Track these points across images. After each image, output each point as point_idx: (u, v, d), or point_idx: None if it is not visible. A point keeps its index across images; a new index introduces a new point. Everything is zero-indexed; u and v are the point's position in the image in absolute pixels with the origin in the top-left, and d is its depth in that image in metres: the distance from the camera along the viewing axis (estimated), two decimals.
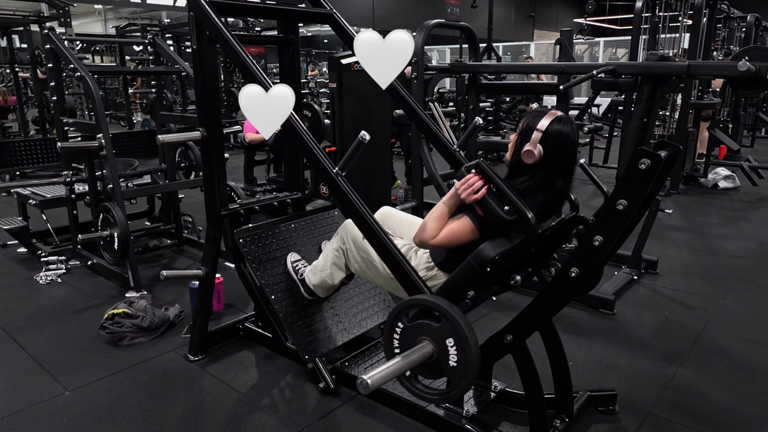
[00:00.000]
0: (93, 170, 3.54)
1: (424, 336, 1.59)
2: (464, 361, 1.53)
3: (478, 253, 1.64)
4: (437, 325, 1.57)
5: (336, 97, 4.14)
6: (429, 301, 1.59)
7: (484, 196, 1.65)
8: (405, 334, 1.63)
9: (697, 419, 2.13)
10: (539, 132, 1.67)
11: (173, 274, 2.42)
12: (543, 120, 1.68)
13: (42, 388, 2.34)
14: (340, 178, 1.86)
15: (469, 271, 1.66)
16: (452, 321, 1.53)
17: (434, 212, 1.77)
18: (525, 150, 1.68)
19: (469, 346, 1.51)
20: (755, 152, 7.98)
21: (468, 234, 1.73)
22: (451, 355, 1.55)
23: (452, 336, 1.54)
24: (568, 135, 1.68)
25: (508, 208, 1.63)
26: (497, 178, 1.66)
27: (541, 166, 1.70)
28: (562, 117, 1.70)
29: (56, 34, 3.44)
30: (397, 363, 1.53)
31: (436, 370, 1.60)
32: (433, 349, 1.57)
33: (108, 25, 16.01)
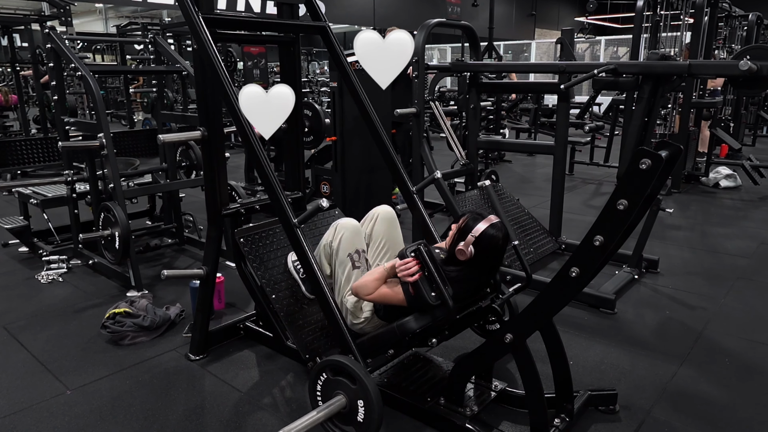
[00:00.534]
0: (94, 169, 3.55)
1: (342, 391, 1.87)
2: (369, 422, 1.81)
3: (402, 325, 1.95)
4: (353, 387, 1.84)
5: (337, 96, 4.14)
6: (349, 367, 1.85)
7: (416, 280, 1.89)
8: (327, 385, 1.92)
9: (697, 419, 2.13)
10: (473, 236, 1.92)
11: (174, 274, 2.43)
12: (479, 224, 1.93)
13: (43, 388, 2.34)
14: (297, 230, 2.07)
15: (392, 336, 1.99)
16: (364, 388, 1.81)
17: (374, 273, 2.03)
18: (458, 248, 1.94)
19: (374, 411, 1.79)
20: (757, 151, 7.97)
21: (396, 301, 1.98)
22: (360, 413, 1.83)
23: (363, 399, 1.82)
24: (498, 241, 1.94)
25: (434, 294, 1.88)
26: (432, 266, 1.88)
27: (471, 263, 1.96)
28: (496, 224, 1.95)
29: (57, 33, 3.44)
30: (314, 417, 1.80)
31: (347, 420, 1.88)
32: (347, 403, 1.85)
33: (109, 24, 16.01)
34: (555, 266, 3.64)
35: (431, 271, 1.89)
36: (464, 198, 3.73)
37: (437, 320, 1.92)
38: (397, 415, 2.13)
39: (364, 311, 2.16)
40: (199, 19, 2.13)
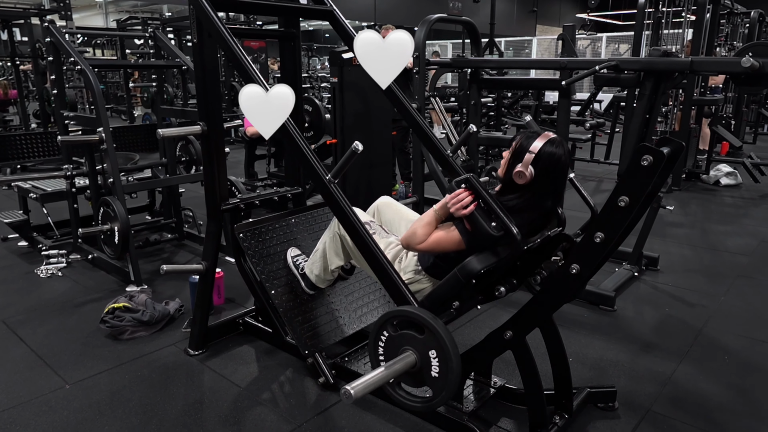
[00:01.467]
0: (93, 164, 3.54)
1: (408, 346, 1.63)
2: (446, 373, 1.57)
3: (464, 267, 1.69)
4: (421, 337, 1.60)
5: (337, 92, 4.12)
6: (414, 314, 1.62)
7: (472, 212, 1.68)
8: (389, 344, 1.67)
9: (696, 416, 2.13)
10: (531, 154, 1.70)
11: (173, 269, 2.42)
12: (536, 142, 1.71)
13: (42, 382, 2.34)
14: (333, 185, 1.89)
15: (455, 283, 1.72)
16: (436, 334, 1.57)
17: (424, 219, 1.81)
18: (516, 171, 1.73)
19: (450, 359, 1.55)
20: (757, 149, 7.96)
21: (454, 245, 1.76)
22: (434, 366, 1.59)
23: (435, 348, 1.58)
24: (560, 158, 1.72)
25: (495, 225, 1.66)
26: (486, 195, 1.68)
27: (531, 187, 1.74)
28: (555, 139, 1.73)
29: (57, 28, 3.43)
30: (380, 373, 1.57)
31: (418, 379, 1.63)
32: (416, 359, 1.61)
33: (109, 19, 15.97)
34: None
35: (487, 199, 1.66)
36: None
37: (503, 258, 1.67)
38: (396, 412, 2.13)
39: (406, 272, 1.97)
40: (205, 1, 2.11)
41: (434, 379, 1.59)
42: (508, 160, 1.78)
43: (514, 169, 1.73)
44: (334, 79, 4.23)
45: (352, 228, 1.87)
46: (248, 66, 2.00)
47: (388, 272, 1.81)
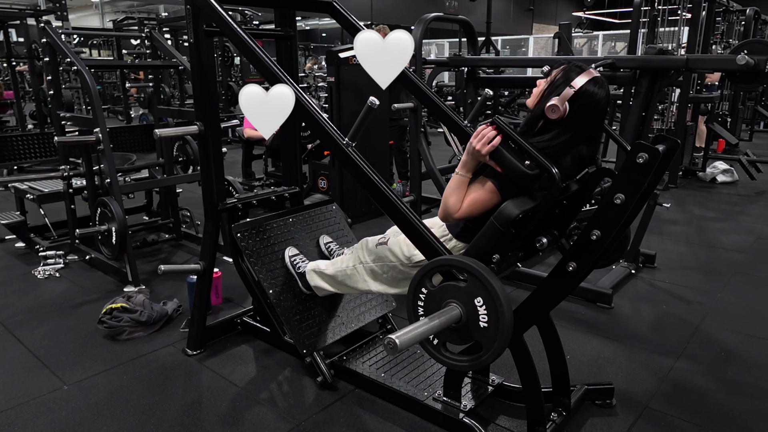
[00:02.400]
0: (90, 165, 3.54)
1: (451, 299, 1.49)
2: (496, 320, 1.41)
3: (500, 213, 1.53)
4: (464, 285, 1.46)
5: (334, 91, 4.13)
6: (453, 260, 1.49)
7: (500, 148, 1.53)
8: (430, 300, 1.52)
9: (693, 412, 2.14)
10: (572, 89, 1.54)
11: (171, 269, 2.42)
12: (579, 77, 1.56)
13: (40, 383, 2.34)
14: (350, 149, 1.78)
15: (493, 233, 1.55)
16: (479, 278, 1.42)
17: (452, 184, 1.65)
18: (551, 104, 1.55)
19: (500, 303, 1.40)
20: (754, 146, 7.98)
21: (491, 198, 1.60)
22: (481, 315, 1.44)
23: (481, 294, 1.43)
24: (601, 99, 1.57)
25: (529, 163, 1.51)
26: (514, 134, 1.54)
27: (566, 127, 1.57)
28: (599, 79, 1.58)
29: (53, 28, 3.42)
30: (425, 324, 1.42)
31: (465, 335, 1.48)
32: (461, 311, 1.47)
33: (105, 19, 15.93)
34: (552, 261, 3.64)
35: (515, 137, 1.52)
36: None
37: (542, 198, 1.53)
38: (394, 410, 2.13)
39: None
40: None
41: (483, 329, 1.44)
42: (543, 90, 1.61)
43: (548, 103, 1.56)
44: (331, 78, 4.23)
45: (374, 187, 1.74)
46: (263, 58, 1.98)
47: (417, 227, 1.65)
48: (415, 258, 1.87)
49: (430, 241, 1.65)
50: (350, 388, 2.27)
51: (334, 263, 2.24)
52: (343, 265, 2.17)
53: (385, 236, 2.04)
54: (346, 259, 2.17)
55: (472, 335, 1.48)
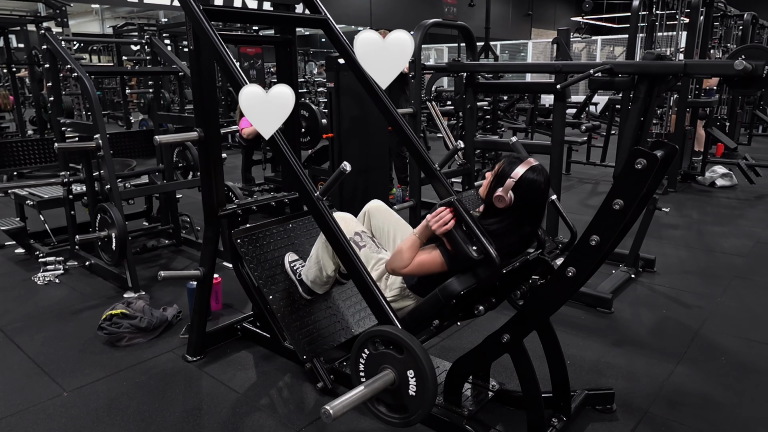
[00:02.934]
0: (90, 170, 3.54)
1: (388, 365, 1.68)
2: (422, 393, 1.62)
3: (445, 288, 1.74)
4: (400, 357, 1.65)
5: (333, 97, 4.13)
6: (394, 335, 1.66)
7: (453, 232, 1.73)
8: (370, 361, 1.72)
9: (694, 417, 2.14)
10: (512, 180, 1.75)
11: (171, 275, 2.42)
12: (518, 168, 1.77)
13: (40, 389, 2.34)
14: (321, 202, 1.92)
15: (435, 303, 1.77)
16: (414, 355, 1.62)
17: (406, 242, 1.85)
18: (497, 195, 1.77)
19: (427, 379, 1.60)
20: (752, 150, 8.00)
21: (437, 267, 1.81)
22: (411, 385, 1.64)
23: (413, 368, 1.63)
24: (540, 185, 1.78)
25: (476, 248, 1.71)
26: (468, 217, 1.74)
27: (511, 212, 1.79)
28: (536, 167, 1.79)
29: (53, 35, 3.43)
30: (360, 392, 1.62)
31: (396, 397, 1.68)
32: (395, 378, 1.66)
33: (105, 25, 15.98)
34: None
35: (468, 222, 1.71)
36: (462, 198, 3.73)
37: (482, 279, 1.72)
38: None
39: (391, 289, 2.01)
40: (198, 10, 2.12)
41: (411, 397, 1.65)
42: (490, 183, 1.83)
43: (495, 193, 1.78)
44: (330, 84, 4.24)
45: (338, 244, 1.89)
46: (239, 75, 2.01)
47: (372, 290, 1.84)
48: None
49: (382, 308, 1.81)
50: None
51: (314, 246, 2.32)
52: (318, 244, 2.27)
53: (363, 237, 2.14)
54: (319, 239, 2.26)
55: (402, 399, 1.67)
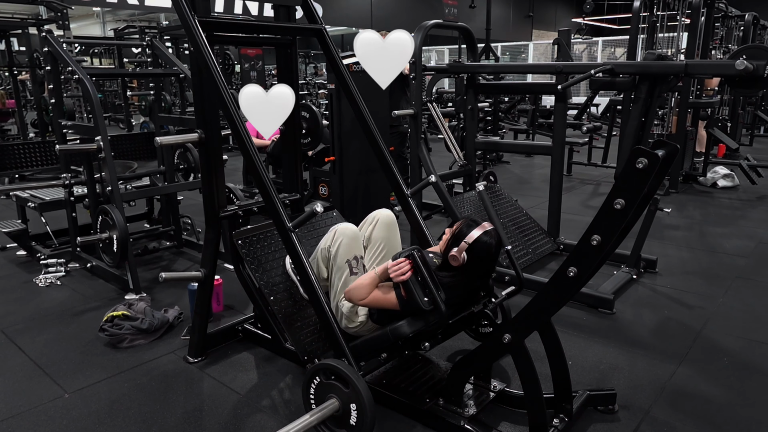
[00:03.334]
0: (92, 173, 3.55)
1: (335, 395, 1.90)
2: (361, 425, 1.85)
3: (396, 329, 1.95)
4: (346, 390, 1.87)
5: (334, 99, 4.14)
6: (342, 371, 1.88)
7: (408, 283, 1.90)
8: (320, 389, 1.95)
9: (696, 418, 2.13)
10: (466, 243, 1.93)
11: (172, 276, 2.42)
12: (473, 231, 1.94)
13: (41, 391, 2.34)
14: (293, 234, 2.07)
15: (386, 339, 1.99)
16: (357, 391, 1.85)
17: (366, 279, 2.03)
18: (451, 254, 1.95)
19: (366, 415, 1.83)
20: (754, 151, 7.99)
21: (389, 305, 2.00)
22: (353, 416, 1.87)
23: (356, 403, 1.86)
24: (491, 247, 1.95)
25: (428, 299, 1.89)
26: (424, 271, 1.89)
27: (464, 270, 1.97)
28: (490, 231, 1.96)
29: (54, 37, 3.44)
30: (307, 420, 1.83)
31: (340, 422, 1.92)
32: (340, 407, 1.89)
33: (106, 28, 16.01)
34: (553, 266, 3.64)
35: (424, 275, 1.90)
36: (462, 199, 3.73)
37: (430, 325, 1.93)
38: (396, 416, 2.13)
39: (359, 315, 2.16)
40: (195, 23, 2.13)
41: (352, 426, 1.88)
42: (447, 241, 2.00)
43: (450, 252, 1.95)
44: (331, 85, 4.24)
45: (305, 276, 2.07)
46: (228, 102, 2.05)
47: (330, 322, 2.04)
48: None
49: (338, 340, 2.03)
50: None
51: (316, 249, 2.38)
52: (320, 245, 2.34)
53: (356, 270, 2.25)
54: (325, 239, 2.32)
55: (345, 426, 1.91)
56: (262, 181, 2.07)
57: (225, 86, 2.10)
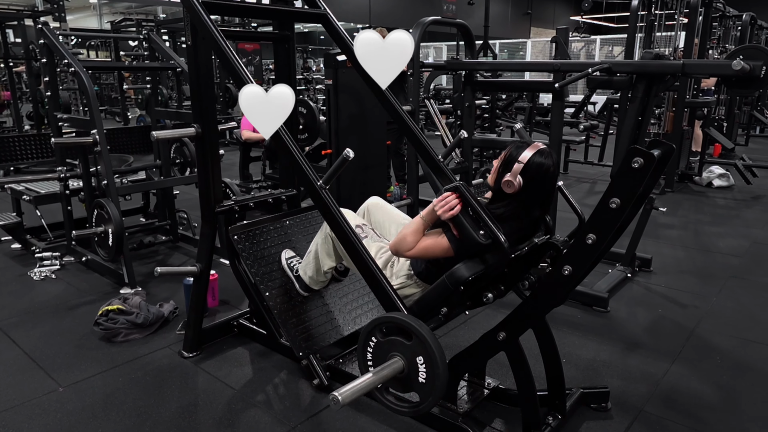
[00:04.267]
0: (87, 166, 3.53)
1: (396, 352, 1.65)
2: (432, 379, 1.59)
3: (452, 274, 1.71)
4: (409, 343, 1.62)
5: (332, 94, 4.13)
6: (402, 321, 1.64)
7: (459, 217, 1.70)
8: (378, 349, 1.70)
9: (688, 416, 2.14)
10: (520, 164, 1.72)
11: (168, 271, 2.42)
12: (525, 152, 1.73)
13: (35, 385, 2.33)
14: (324, 191, 1.90)
15: (443, 290, 1.74)
16: (423, 341, 1.59)
17: (411, 226, 1.82)
18: (505, 180, 1.74)
19: (437, 365, 1.57)
20: (750, 151, 8.02)
21: (442, 251, 1.78)
22: (421, 372, 1.61)
23: (422, 355, 1.60)
24: (549, 168, 1.74)
25: (483, 233, 1.68)
26: (474, 202, 1.71)
27: (520, 196, 1.76)
28: (544, 150, 1.75)
29: (50, 29, 3.42)
30: (368, 379, 1.59)
31: (406, 385, 1.66)
32: (404, 365, 1.63)
33: (103, 20, 15.92)
34: None
35: (475, 207, 1.69)
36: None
37: (491, 266, 1.70)
38: (390, 414, 2.12)
39: (398, 276, 1.99)
40: (198, 3, 2.11)
41: (421, 384, 1.62)
42: (498, 169, 1.80)
43: (503, 179, 1.75)
44: (328, 81, 4.23)
45: (342, 233, 1.88)
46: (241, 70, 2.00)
47: (378, 278, 1.83)
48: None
49: (388, 295, 1.81)
50: None
51: (313, 242, 2.31)
52: (317, 241, 2.26)
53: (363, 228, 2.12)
54: (321, 230, 2.24)
55: (412, 386, 1.64)
56: (281, 140, 1.96)
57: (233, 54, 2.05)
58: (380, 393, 1.70)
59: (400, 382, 1.66)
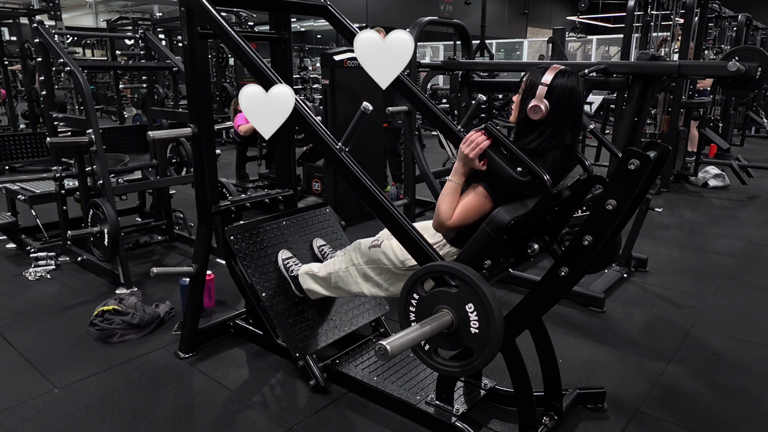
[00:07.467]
0: (83, 165, 3.52)
1: (442, 305, 1.50)
2: (487, 326, 1.43)
3: (492, 219, 1.55)
4: (455, 291, 1.48)
5: (328, 93, 4.13)
6: (444, 266, 1.50)
7: (492, 155, 1.58)
8: (421, 305, 1.54)
9: (684, 416, 2.15)
10: (544, 86, 1.61)
11: (164, 271, 2.41)
12: (546, 75, 1.63)
13: (31, 386, 2.32)
14: (344, 154, 1.80)
15: (485, 239, 1.57)
16: (471, 284, 1.43)
17: (444, 191, 1.69)
18: (531, 106, 1.62)
19: (491, 309, 1.41)
20: (745, 151, 8.05)
21: (483, 204, 1.64)
22: (472, 321, 1.45)
23: (472, 301, 1.44)
24: (574, 87, 1.63)
25: (521, 170, 1.56)
26: (506, 140, 1.58)
27: (549, 122, 1.63)
28: (565, 70, 1.65)
29: (46, 28, 3.40)
30: (416, 330, 1.43)
31: (456, 341, 1.50)
32: (453, 317, 1.48)
33: (99, 19, 15.87)
34: (545, 264, 3.66)
35: (507, 144, 1.57)
36: None
37: (532, 208, 1.58)
38: (386, 414, 2.13)
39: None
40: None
41: (475, 335, 1.45)
42: (519, 101, 1.68)
43: (528, 106, 1.62)
44: (325, 81, 4.23)
45: (366, 192, 1.75)
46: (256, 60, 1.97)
47: (410, 233, 1.67)
48: (408, 262, 1.87)
49: (422, 247, 1.67)
50: (343, 392, 2.27)
51: (326, 266, 2.24)
52: (335, 268, 2.17)
53: (378, 239, 2.04)
54: (339, 261, 2.17)
55: (463, 341, 1.49)
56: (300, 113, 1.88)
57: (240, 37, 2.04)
58: (428, 355, 1.56)
59: (449, 339, 1.50)
